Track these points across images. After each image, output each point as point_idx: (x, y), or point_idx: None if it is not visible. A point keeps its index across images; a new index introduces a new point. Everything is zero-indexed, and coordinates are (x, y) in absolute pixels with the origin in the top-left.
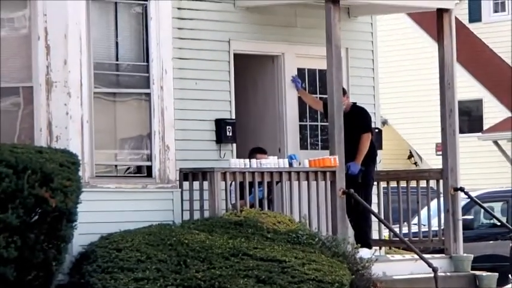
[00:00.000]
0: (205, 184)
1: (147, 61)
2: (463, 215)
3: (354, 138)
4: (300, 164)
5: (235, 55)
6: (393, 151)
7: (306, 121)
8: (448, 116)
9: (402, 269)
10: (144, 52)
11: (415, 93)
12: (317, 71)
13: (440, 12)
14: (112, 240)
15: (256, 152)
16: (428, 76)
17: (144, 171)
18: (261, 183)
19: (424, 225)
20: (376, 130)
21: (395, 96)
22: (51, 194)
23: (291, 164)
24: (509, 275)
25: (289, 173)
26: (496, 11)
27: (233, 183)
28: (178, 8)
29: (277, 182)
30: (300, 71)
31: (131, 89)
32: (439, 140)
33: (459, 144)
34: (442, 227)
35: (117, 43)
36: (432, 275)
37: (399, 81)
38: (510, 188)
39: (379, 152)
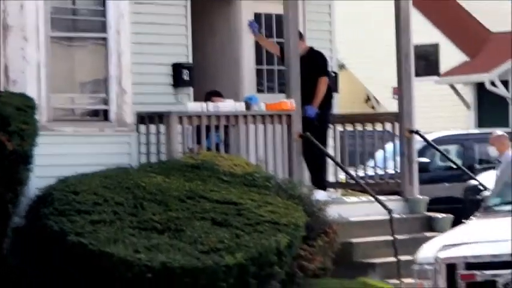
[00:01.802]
0: (162, 128)
1: (104, 5)
2: (418, 157)
3: (310, 82)
4: (258, 106)
5: (194, 1)
6: (350, 95)
7: (263, 65)
8: (404, 60)
9: (358, 211)
10: (101, 1)
11: (372, 38)
12: (274, 15)
13: None
14: (69, 183)
15: (212, 95)
16: (386, 20)
17: (101, 115)
18: (218, 127)
19: (380, 168)
20: (333, 74)
21: (352, 40)
22: (8, 138)
23: (249, 105)
24: (464, 217)
25: (246, 116)
26: None
27: (190, 127)
28: None
29: (233, 125)
30: (257, 16)
31: (88, 33)
32: (396, 84)
33: (415, 87)
34: (397, 170)
35: None
36: (387, 217)
37: (357, 26)
38: (465, 131)
39: (335, 95)
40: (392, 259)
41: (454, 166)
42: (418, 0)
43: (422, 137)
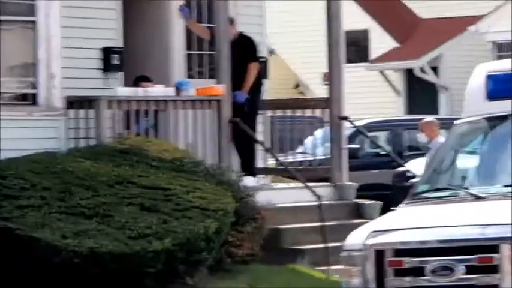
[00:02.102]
0: (91, 112)
1: None
2: (348, 144)
3: (241, 67)
4: (188, 91)
5: None
6: (280, 80)
7: (193, 50)
8: (334, 46)
9: (287, 197)
10: None
11: (303, 23)
12: (206, 2)
13: None
14: None
15: (141, 80)
16: (316, 6)
17: (29, 99)
18: (147, 112)
19: (309, 154)
20: (263, 59)
21: (282, 25)
22: None
23: (180, 90)
24: (392, 204)
25: (175, 101)
26: None
27: (119, 111)
28: None
29: (163, 111)
30: (188, 1)
31: (17, 16)
32: (326, 70)
33: (345, 73)
34: (327, 156)
35: None
36: (316, 203)
37: (287, 11)
38: (395, 118)
39: (265, 81)
40: (321, 245)
41: (383, 152)
42: None
43: (351, 123)
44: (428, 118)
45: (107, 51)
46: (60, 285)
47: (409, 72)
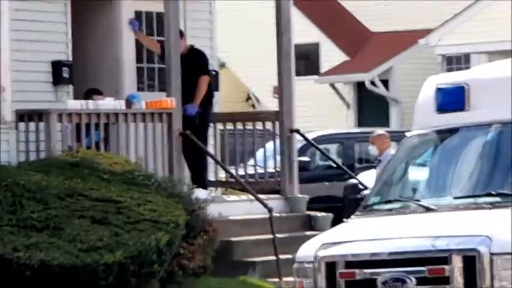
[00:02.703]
0: (42, 125)
1: None
2: (299, 156)
3: (191, 81)
4: (140, 104)
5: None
6: (231, 93)
7: (144, 63)
8: (285, 60)
9: (238, 210)
10: None
11: (253, 37)
12: (155, 13)
13: None
14: None
15: (92, 93)
16: (267, 20)
17: None
18: (98, 125)
19: (260, 166)
20: (214, 72)
21: (233, 39)
22: None
23: (131, 103)
24: (343, 216)
25: (126, 114)
26: None
27: (69, 124)
28: None
29: (113, 123)
30: (138, 14)
31: None
32: (277, 83)
33: (296, 86)
34: (278, 169)
35: None
36: (268, 215)
37: (238, 25)
38: (346, 130)
39: (216, 93)
40: (272, 257)
41: (334, 165)
42: (298, 0)
43: (302, 135)
44: (379, 131)
45: (57, 65)
46: None
47: (360, 85)
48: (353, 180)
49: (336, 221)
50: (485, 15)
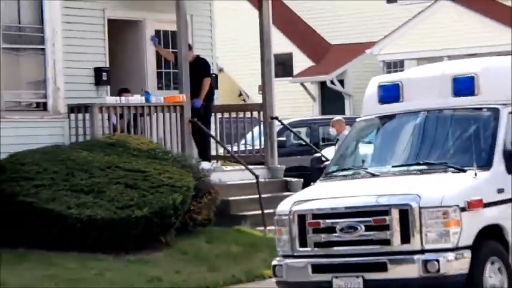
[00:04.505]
0: (87, 116)
1: (42, 24)
2: (277, 137)
3: (198, 81)
4: (157, 98)
5: (109, 20)
6: (227, 91)
7: (162, 68)
8: (266, 65)
9: (233, 177)
10: (40, 20)
11: (244, 48)
12: (170, 31)
13: None
14: (17, 157)
15: (123, 91)
16: (255, 34)
17: (41, 106)
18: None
19: (249, 144)
20: (214, 75)
21: (229, 49)
22: None
23: (148, 99)
24: (311, 181)
25: (150, 106)
26: None
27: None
28: None
29: (140, 114)
30: (157, 32)
31: (31, 45)
32: (261, 83)
33: (275, 85)
34: (262, 146)
35: (19, 11)
36: (255, 180)
37: (233, 39)
38: (312, 117)
39: (216, 91)
40: (258, 212)
41: (304, 143)
42: (276, 19)
43: (280, 121)
44: (337, 117)
45: (98, 70)
46: (67, 246)
47: (322, 84)
48: (318, 154)
49: (305, 185)
50: (415, 31)
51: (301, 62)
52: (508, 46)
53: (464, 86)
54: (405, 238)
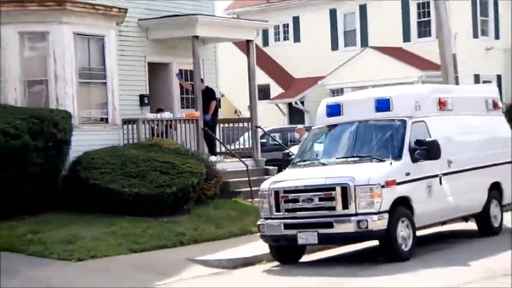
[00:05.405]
0: (135, 126)
1: (104, 65)
2: (260, 139)
3: (207, 103)
4: (181, 114)
5: (149, 63)
6: (227, 109)
7: (184, 94)
8: (252, 92)
9: (231, 166)
10: (103, 62)
11: (238, 80)
12: (188, 70)
13: (247, 41)
14: (89, 154)
15: (158, 110)
16: (245, 71)
17: (104, 120)
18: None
19: (241, 144)
20: (218, 98)
21: (228, 81)
22: (58, 132)
23: (174, 115)
24: (282, 168)
25: (175, 120)
26: (277, 40)
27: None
28: (120, 40)
29: (171, 125)
30: (180, 70)
31: (97, 79)
32: (249, 103)
33: (258, 105)
34: (250, 146)
35: (89, 57)
36: (245, 168)
37: (231, 74)
38: (283, 127)
39: (219, 109)
40: (248, 189)
41: (277, 143)
42: (259, 61)
43: (262, 129)
44: (299, 126)
45: (142, 96)
46: (122, 212)
47: (289, 104)
48: (287, 151)
49: (279, 171)
50: (350, 68)
51: (275, 89)
52: (411, 78)
53: (383, 105)
54: (345, 206)
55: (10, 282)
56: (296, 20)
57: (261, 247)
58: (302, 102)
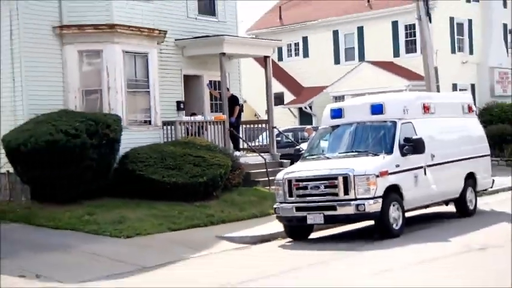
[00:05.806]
0: (173, 127)
1: (147, 77)
2: (276, 138)
3: (232, 108)
4: (210, 117)
5: (184, 76)
6: (248, 113)
7: (213, 101)
8: (270, 98)
9: (252, 160)
10: (146, 75)
11: (257, 89)
12: (217, 81)
13: (265, 57)
14: (135, 150)
15: (192, 114)
16: (263, 81)
17: (148, 122)
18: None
19: (260, 142)
20: (241, 104)
21: (249, 90)
22: (110, 132)
23: (205, 118)
24: (294, 162)
25: (206, 122)
26: (290, 56)
27: (184, 127)
28: (160, 56)
29: (203, 126)
30: (210, 81)
31: (142, 89)
32: (266, 108)
33: (274, 110)
34: (267, 143)
35: (135, 71)
36: (263, 161)
37: (252, 84)
38: (295, 127)
39: (242, 113)
40: (266, 179)
41: (290, 141)
42: (274, 73)
43: (278, 129)
44: (308, 126)
45: (178, 102)
46: (162, 198)
47: (300, 109)
48: (298, 147)
49: (291, 164)
50: (350, 79)
51: (288, 96)
52: (400, 87)
53: (377, 109)
54: (346, 192)
55: (71, 253)
56: (305, 39)
57: (276, 226)
58: (310, 107)
